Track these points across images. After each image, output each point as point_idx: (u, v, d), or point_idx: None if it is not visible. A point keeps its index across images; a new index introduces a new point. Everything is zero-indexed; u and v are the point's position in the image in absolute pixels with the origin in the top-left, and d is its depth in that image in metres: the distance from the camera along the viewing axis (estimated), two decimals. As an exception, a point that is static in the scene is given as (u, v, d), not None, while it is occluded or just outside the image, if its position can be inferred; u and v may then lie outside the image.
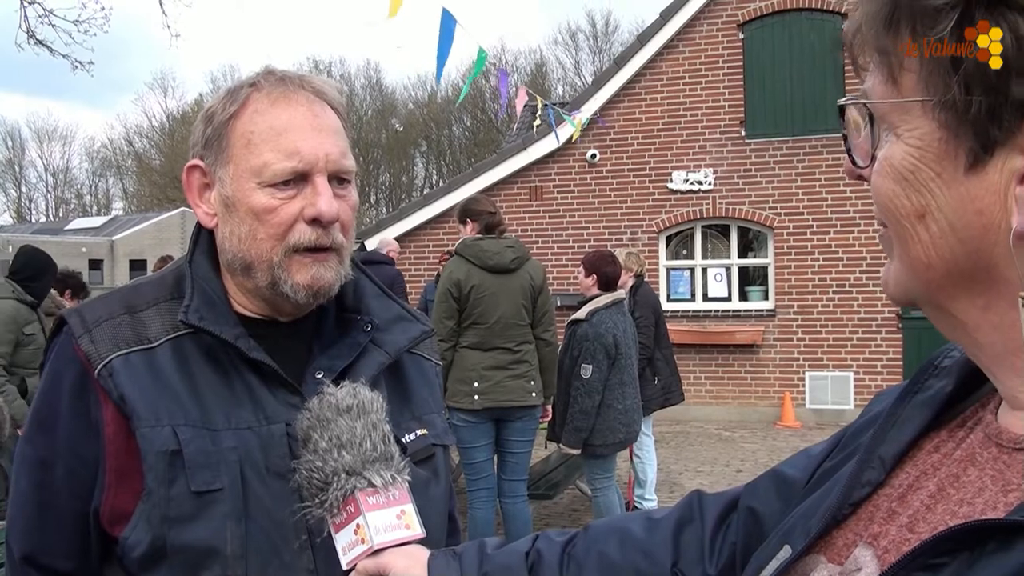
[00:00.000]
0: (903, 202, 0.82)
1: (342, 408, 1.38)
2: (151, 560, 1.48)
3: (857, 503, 0.94)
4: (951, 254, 0.80)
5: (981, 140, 0.76)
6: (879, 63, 0.83)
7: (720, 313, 14.64)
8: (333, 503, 1.33)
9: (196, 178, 1.65)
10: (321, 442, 1.36)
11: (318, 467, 1.34)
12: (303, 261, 1.57)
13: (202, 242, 1.69)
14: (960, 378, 0.95)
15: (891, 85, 0.82)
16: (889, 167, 0.83)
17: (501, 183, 15.33)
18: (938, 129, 0.78)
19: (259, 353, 1.57)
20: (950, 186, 0.78)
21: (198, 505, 1.47)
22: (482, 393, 6.06)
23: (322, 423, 1.37)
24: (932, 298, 0.85)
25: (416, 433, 1.73)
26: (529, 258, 6.32)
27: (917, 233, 0.82)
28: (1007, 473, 0.80)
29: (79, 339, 1.55)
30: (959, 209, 0.78)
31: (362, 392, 1.41)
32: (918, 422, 0.95)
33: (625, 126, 14.96)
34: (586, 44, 58.49)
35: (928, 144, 0.79)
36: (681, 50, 14.81)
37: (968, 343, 0.86)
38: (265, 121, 1.56)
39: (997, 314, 0.80)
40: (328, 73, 59.50)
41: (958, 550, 0.74)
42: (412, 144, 58.85)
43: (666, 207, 14.80)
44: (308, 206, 1.54)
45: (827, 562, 0.94)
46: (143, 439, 1.48)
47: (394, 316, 1.78)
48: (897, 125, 0.82)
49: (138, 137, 65.98)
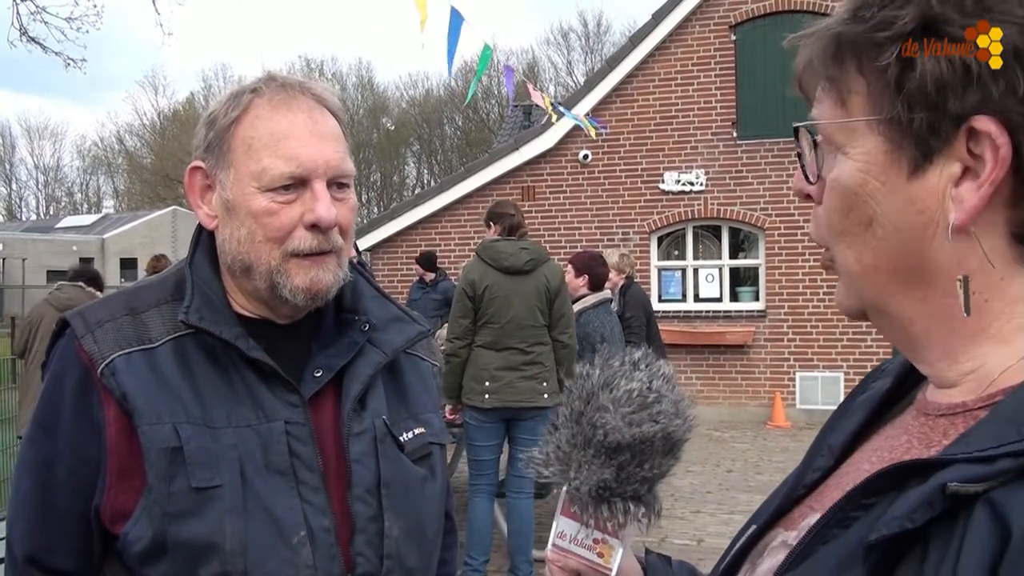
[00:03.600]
0: (852, 214, 0.94)
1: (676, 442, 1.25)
2: (151, 555, 1.51)
3: (810, 485, 1.09)
4: (895, 254, 0.92)
5: (922, 150, 0.88)
6: (828, 91, 0.95)
7: (711, 314, 14.69)
8: (606, 509, 1.23)
9: (198, 180, 1.67)
10: (653, 466, 1.23)
11: (637, 475, 1.22)
12: (302, 264, 1.60)
13: (203, 244, 1.72)
14: (897, 378, 1.11)
15: (840, 108, 0.94)
16: (838, 185, 0.94)
17: (493, 183, 15.35)
18: (883, 143, 0.90)
19: (258, 352, 1.60)
20: (894, 192, 0.90)
21: (198, 501, 1.50)
22: (493, 392, 6.14)
23: (665, 455, 1.24)
24: (878, 300, 0.97)
25: (414, 432, 1.75)
26: (547, 261, 6.36)
27: (865, 240, 0.94)
28: (931, 435, 0.94)
29: (82, 339, 1.58)
30: (903, 212, 0.90)
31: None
32: (861, 415, 1.11)
33: (617, 127, 15.00)
34: (578, 44, 58.59)
35: (874, 158, 0.91)
36: (673, 51, 14.85)
37: (904, 339, 0.98)
38: (266, 127, 1.59)
39: (931, 303, 0.93)
40: (320, 72, 59.52)
41: (886, 489, 0.86)
42: (404, 143, 58.84)
43: (657, 208, 14.85)
44: (308, 212, 1.57)
45: (784, 531, 1.08)
46: (145, 436, 1.51)
47: (391, 317, 1.81)
48: (844, 145, 0.93)
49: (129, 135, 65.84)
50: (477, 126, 55.75)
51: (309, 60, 64.13)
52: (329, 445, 1.64)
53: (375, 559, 1.61)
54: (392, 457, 1.68)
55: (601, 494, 1.22)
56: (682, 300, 14.94)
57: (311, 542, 1.56)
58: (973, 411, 0.90)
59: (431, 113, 58.02)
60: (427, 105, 58.41)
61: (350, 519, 1.61)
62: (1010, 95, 0.83)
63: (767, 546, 1.09)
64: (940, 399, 0.96)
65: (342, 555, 1.59)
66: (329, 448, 1.64)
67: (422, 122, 58.22)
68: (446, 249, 15.13)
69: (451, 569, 2.01)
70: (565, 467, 1.24)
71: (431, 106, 58.24)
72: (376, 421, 1.68)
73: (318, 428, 1.64)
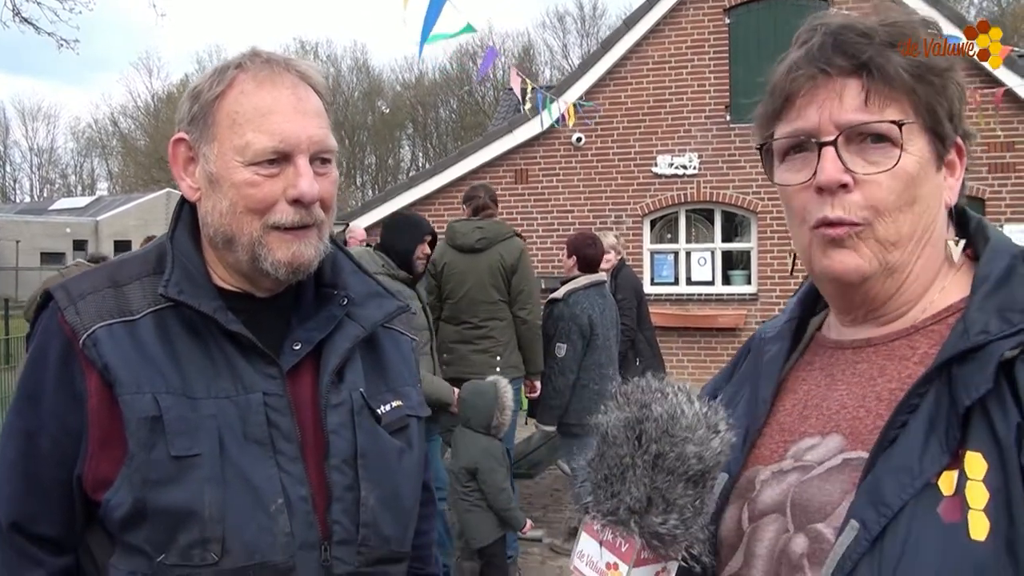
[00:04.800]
0: (904, 194, 1.24)
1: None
2: (132, 522, 1.54)
3: (759, 431, 1.41)
4: (925, 223, 1.28)
5: (940, 153, 1.28)
6: (905, 98, 1.25)
7: (703, 297, 14.71)
8: (693, 536, 1.23)
9: (181, 151, 1.70)
10: (697, 503, 1.23)
11: (676, 520, 1.21)
12: (284, 238, 1.62)
13: (184, 217, 1.74)
14: (791, 339, 1.50)
15: (899, 109, 1.26)
16: (903, 172, 1.24)
17: (487, 166, 15.35)
18: (927, 144, 1.26)
19: (237, 325, 1.63)
20: (930, 181, 1.27)
21: (177, 469, 1.54)
22: (448, 364, 6.43)
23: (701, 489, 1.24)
24: (904, 260, 1.28)
25: (391, 404, 1.79)
26: (505, 239, 6.52)
27: (907, 215, 1.25)
28: (896, 352, 1.31)
29: (64, 311, 1.61)
30: (933, 195, 1.28)
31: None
32: (775, 372, 1.46)
33: (611, 110, 14.98)
34: (574, 27, 58.49)
35: (924, 154, 1.26)
36: (667, 34, 14.83)
37: (885, 293, 1.31)
38: (250, 102, 1.61)
39: (930, 258, 1.30)
40: (315, 54, 59.29)
41: (933, 380, 1.18)
42: (399, 126, 58.68)
43: (651, 191, 14.85)
44: (290, 187, 1.60)
45: (766, 466, 1.36)
46: (125, 406, 1.54)
47: (370, 292, 1.84)
48: (905, 142, 1.24)
49: (123, 117, 65.66)
50: (472, 109, 55.62)
51: (304, 42, 63.94)
52: (307, 416, 1.67)
53: (351, 527, 1.65)
54: (369, 428, 1.71)
55: (695, 517, 1.22)
56: (674, 283, 14.96)
57: (288, 510, 1.59)
58: (926, 328, 1.29)
59: (426, 96, 57.84)
60: (422, 88, 58.22)
61: (327, 488, 1.65)
62: (960, 122, 1.30)
63: (753, 481, 1.36)
64: (880, 332, 1.34)
65: (319, 523, 1.63)
66: (307, 419, 1.67)
67: (417, 105, 58.04)
68: (440, 232, 15.08)
69: (429, 539, 2.04)
70: (640, 515, 1.21)
71: (426, 89, 58.04)
72: (353, 393, 1.71)
73: (296, 400, 1.67)
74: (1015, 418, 1.10)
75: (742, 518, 1.35)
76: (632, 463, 1.22)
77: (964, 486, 1.11)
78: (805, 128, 1.28)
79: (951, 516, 1.10)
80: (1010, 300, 1.19)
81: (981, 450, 1.11)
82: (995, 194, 13.76)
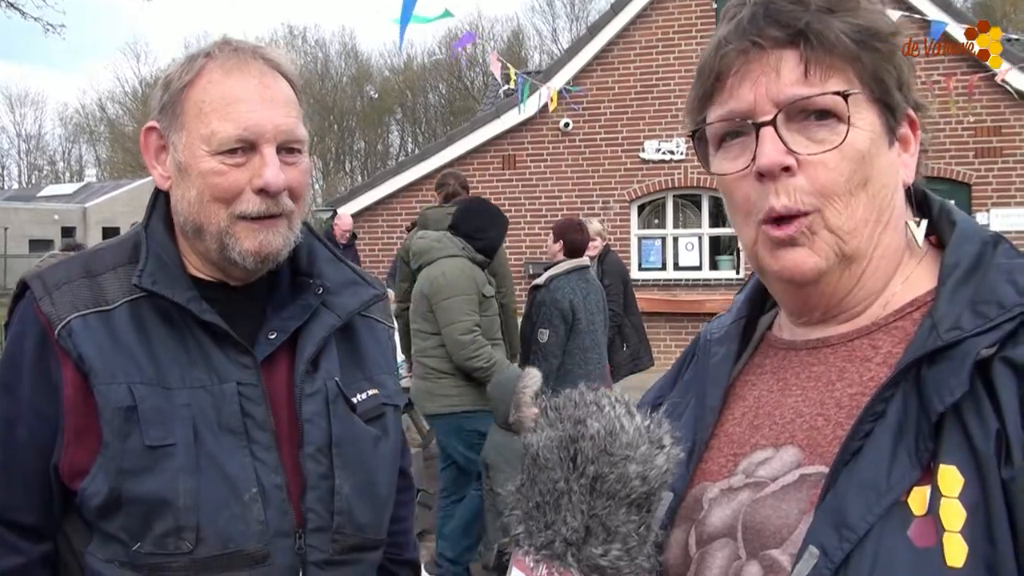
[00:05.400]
0: (854, 175, 1.11)
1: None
2: (107, 510, 1.56)
3: (706, 440, 1.26)
4: (880, 206, 1.14)
5: (891, 127, 1.14)
6: (850, 67, 1.12)
7: (690, 282, 14.75)
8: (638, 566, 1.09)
9: (153, 140, 1.71)
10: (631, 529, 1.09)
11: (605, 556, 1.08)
12: (251, 227, 1.63)
13: (159, 207, 1.75)
14: (739, 341, 1.33)
15: (844, 79, 1.11)
16: (852, 150, 1.10)
17: (474, 152, 15.34)
18: (877, 118, 1.13)
19: (211, 315, 1.64)
20: (883, 157, 1.13)
21: (152, 459, 1.55)
22: None
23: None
24: (863, 249, 1.14)
25: (367, 393, 1.80)
26: None
27: (859, 198, 1.12)
28: (856, 353, 1.16)
29: (40, 301, 1.62)
30: (887, 173, 1.14)
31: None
32: (724, 376, 1.30)
33: (598, 95, 14.98)
34: (563, 11, 58.25)
35: (875, 128, 1.13)
36: (654, 19, 14.82)
37: (844, 287, 1.17)
38: (217, 91, 1.61)
39: (889, 245, 1.16)
40: (303, 39, 59.07)
41: (899, 382, 1.06)
42: (387, 112, 58.46)
43: (638, 177, 14.87)
44: (256, 176, 1.60)
45: (714, 483, 1.21)
46: (100, 396, 1.55)
47: (346, 280, 1.84)
48: (854, 116, 1.11)
49: (111, 103, 65.26)
50: (461, 94, 55.45)
51: (292, 27, 63.63)
52: (282, 405, 1.68)
53: (326, 515, 1.67)
54: (343, 417, 1.72)
55: (641, 545, 1.10)
56: (662, 268, 15.00)
57: (263, 498, 1.61)
58: (889, 325, 1.16)
59: (415, 81, 57.61)
60: (411, 73, 58.00)
61: (301, 477, 1.66)
62: (909, 92, 1.16)
63: (701, 500, 1.20)
64: (838, 330, 1.20)
65: (294, 511, 1.64)
66: (282, 408, 1.68)
67: (406, 90, 57.84)
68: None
69: (407, 525, 2.06)
70: (577, 547, 1.08)
71: (415, 74, 57.83)
72: (328, 382, 1.72)
73: (271, 389, 1.68)
74: (994, 425, 0.97)
75: (689, 543, 1.19)
76: (567, 488, 1.08)
77: (938, 505, 0.98)
78: (739, 109, 1.14)
79: (924, 540, 0.97)
80: (983, 291, 1.06)
81: (956, 463, 0.99)
82: (981, 179, 13.81)
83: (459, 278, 5.71)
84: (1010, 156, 13.68)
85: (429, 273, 5.81)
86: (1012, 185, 13.67)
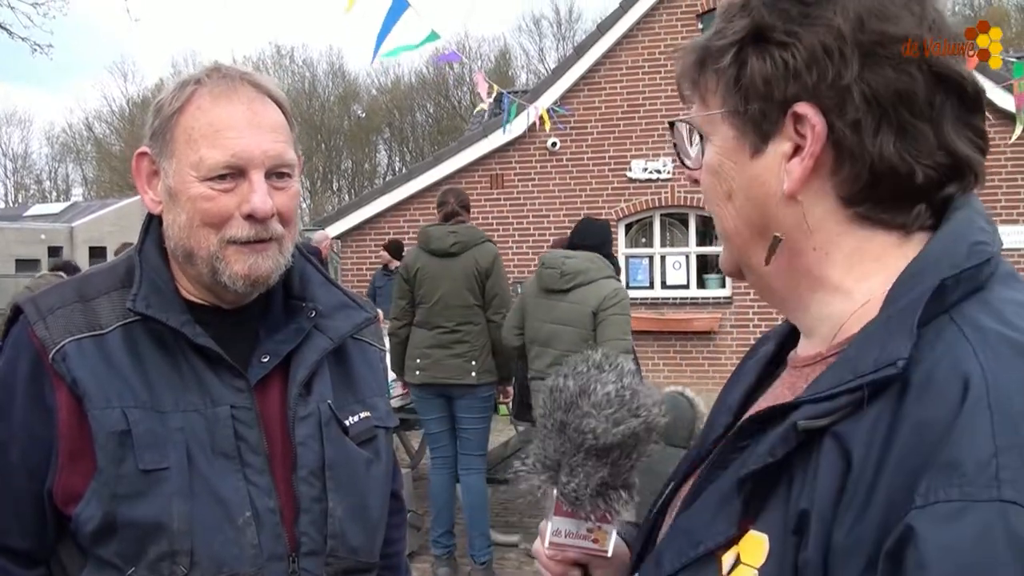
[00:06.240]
0: (718, 189, 1.12)
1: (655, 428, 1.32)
2: (102, 535, 1.56)
3: (716, 440, 1.23)
4: (748, 219, 1.10)
5: (759, 134, 1.06)
6: (695, 92, 1.14)
7: (678, 300, 14.77)
8: (603, 502, 1.31)
9: (145, 165, 1.71)
10: (640, 454, 1.32)
11: (624, 477, 1.31)
12: (241, 251, 1.63)
13: (152, 231, 1.76)
14: (779, 342, 1.29)
15: (703, 106, 1.13)
16: (708, 166, 1.13)
17: (462, 171, 15.36)
18: (732, 131, 1.09)
19: (204, 339, 1.64)
20: (743, 170, 1.09)
21: (146, 483, 1.56)
22: (423, 369, 6.43)
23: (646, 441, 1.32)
24: (743, 259, 1.14)
25: (359, 415, 1.81)
26: (478, 244, 6.52)
27: (728, 209, 1.12)
28: (796, 383, 1.10)
29: (34, 325, 1.62)
30: (751, 185, 1.08)
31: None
32: (751, 376, 1.29)
33: (585, 115, 15.03)
34: (550, 31, 58.39)
35: (727, 143, 1.10)
36: (640, 39, 14.89)
37: (771, 294, 1.15)
38: (206, 118, 1.62)
39: (781, 260, 1.09)
40: (290, 59, 59.03)
41: (755, 433, 1.04)
42: (375, 131, 58.47)
43: (625, 195, 14.91)
44: (244, 202, 1.61)
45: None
46: (94, 420, 1.56)
47: (338, 303, 1.85)
48: (710, 135, 1.13)
49: (98, 122, 65.01)
50: (449, 113, 55.52)
51: (279, 47, 63.69)
52: (275, 428, 1.69)
53: (319, 538, 1.67)
54: (336, 440, 1.73)
55: (599, 490, 1.29)
56: (649, 287, 15.01)
57: (256, 522, 1.61)
58: (827, 359, 1.06)
59: (402, 100, 57.66)
60: (398, 92, 58.07)
61: (295, 500, 1.67)
62: (822, 83, 1.00)
63: (682, 496, 1.24)
64: (805, 352, 1.14)
65: (287, 535, 1.65)
66: (275, 431, 1.69)
67: (393, 109, 57.88)
68: (414, 237, 15.04)
69: (399, 547, 2.06)
70: (554, 472, 1.31)
71: (402, 93, 57.89)
72: (321, 405, 1.73)
73: (264, 412, 1.69)
74: (804, 504, 0.91)
75: (664, 528, 1.27)
76: (544, 424, 1.33)
77: (733, 571, 0.98)
78: None
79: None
80: (860, 350, 0.96)
81: (770, 531, 0.95)
82: (966, 197, 13.88)
83: (626, 298, 5.94)
84: (995, 175, 13.77)
85: (595, 291, 5.94)
86: (998, 203, 13.75)
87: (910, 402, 0.88)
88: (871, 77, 1.00)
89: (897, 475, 0.84)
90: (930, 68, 1.00)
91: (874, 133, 1.00)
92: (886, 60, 0.99)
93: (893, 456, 0.85)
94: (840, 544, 0.86)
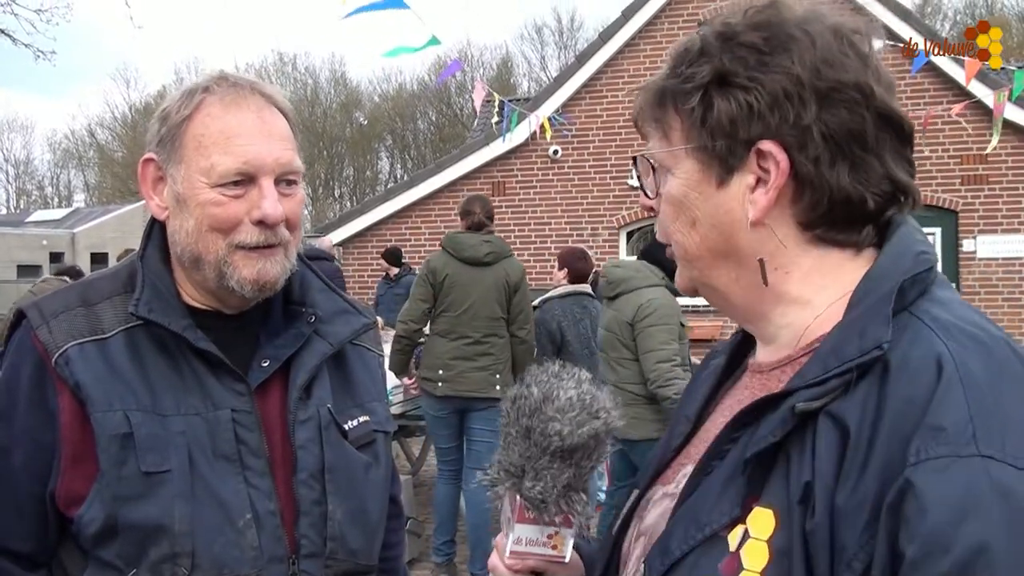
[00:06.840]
0: (681, 217, 1.22)
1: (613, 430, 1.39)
2: (104, 537, 1.58)
3: (677, 449, 1.35)
4: (713, 244, 1.21)
5: (724, 168, 1.17)
6: (656, 128, 1.25)
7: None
8: (559, 505, 1.35)
9: (151, 172, 1.73)
10: (600, 455, 1.38)
11: (581, 480, 1.36)
12: (249, 256, 1.65)
13: (155, 236, 1.77)
14: (729, 355, 1.40)
15: (665, 141, 1.23)
16: (669, 196, 1.23)
17: (463, 178, 15.39)
18: (697, 164, 1.19)
19: (206, 343, 1.66)
20: (708, 200, 1.19)
21: (148, 485, 1.57)
22: (445, 381, 6.25)
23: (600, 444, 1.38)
24: (704, 279, 1.25)
25: (359, 420, 1.83)
26: (508, 256, 6.44)
27: (691, 236, 1.22)
28: (768, 384, 1.21)
29: (37, 330, 1.64)
30: (716, 213, 1.19)
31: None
32: (706, 388, 1.39)
33: (587, 123, 15.06)
34: (552, 40, 58.42)
35: (692, 175, 1.20)
36: (642, 48, 14.93)
37: (730, 308, 1.27)
38: (217, 125, 1.64)
39: (743, 279, 1.21)
40: (293, 66, 59.17)
41: (747, 424, 1.13)
42: (377, 138, 58.51)
43: (627, 203, 14.92)
44: (254, 208, 1.63)
45: (662, 486, 1.33)
46: (97, 423, 1.57)
47: (338, 309, 1.87)
48: (672, 167, 1.22)
49: (100, 128, 65.07)
50: (450, 121, 55.55)
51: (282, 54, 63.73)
52: (275, 432, 1.71)
53: (319, 541, 1.69)
54: (336, 444, 1.75)
55: (564, 492, 1.34)
56: (651, 295, 15.00)
57: (256, 525, 1.63)
58: (797, 360, 1.18)
59: (404, 108, 57.71)
60: (400, 100, 58.11)
61: (295, 503, 1.69)
62: (784, 124, 1.12)
63: (649, 501, 1.34)
64: (768, 358, 1.24)
65: (287, 537, 1.67)
66: (275, 435, 1.71)
67: (395, 116, 57.92)
68: (416, 244, 15.16)
69: (398, 551, 2.08)
70: (518, 479, 1.35)
71: (404, 101, 57.93)
72: (321, 409, 1.75)
73: (265, 415, 1.71)
74: (806, 476, 1.02)
75: (632, 535, 1.35)
76: (508, 432, 1.38)
77: (744, 544, 1.06)
78: None
79: (729, 574, 1.06)
80: (839, 341, 1.08)
81: (775, 506, 1.05)
82: (968, 206, 13.91)
83: (663, 307, 5.72)
84: (996, 183, 13.79)
85: (633, 300, 5.79)
86: (999, 212, 13.77)
87: (892, 381, 1.01)
88: (828, 118, 1.12)
89: (891, 441, 0.96)
90: (876, 109, 1.13)
91: (831, 166, 1.13)
92: (840, 103, 1.12)
93: (884, 425, 0.98)
94: (844, 505, 0.98)
